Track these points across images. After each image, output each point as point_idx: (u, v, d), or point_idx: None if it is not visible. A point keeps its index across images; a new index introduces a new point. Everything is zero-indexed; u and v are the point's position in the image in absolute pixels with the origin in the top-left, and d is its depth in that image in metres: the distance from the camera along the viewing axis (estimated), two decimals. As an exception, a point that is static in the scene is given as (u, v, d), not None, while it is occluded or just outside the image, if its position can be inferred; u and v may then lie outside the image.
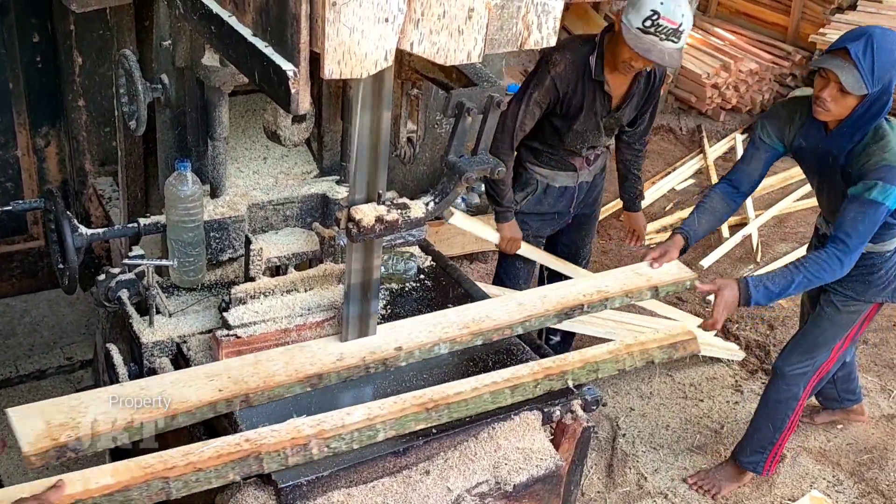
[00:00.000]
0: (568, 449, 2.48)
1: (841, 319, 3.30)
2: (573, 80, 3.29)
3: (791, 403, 3.42)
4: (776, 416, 3.45)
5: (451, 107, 2.24)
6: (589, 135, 3.47)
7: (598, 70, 3.28)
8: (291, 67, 1.74)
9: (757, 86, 7.07)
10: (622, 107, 3.45)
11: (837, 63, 2.79)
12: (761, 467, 3.55)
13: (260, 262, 2.52)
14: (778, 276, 2.94)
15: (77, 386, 3.63)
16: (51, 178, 3.83)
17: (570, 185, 3.62)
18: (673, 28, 3.04)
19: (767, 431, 3.48)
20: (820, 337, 3.35)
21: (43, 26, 3.54)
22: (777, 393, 3.42)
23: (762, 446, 3.51)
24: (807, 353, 3.37)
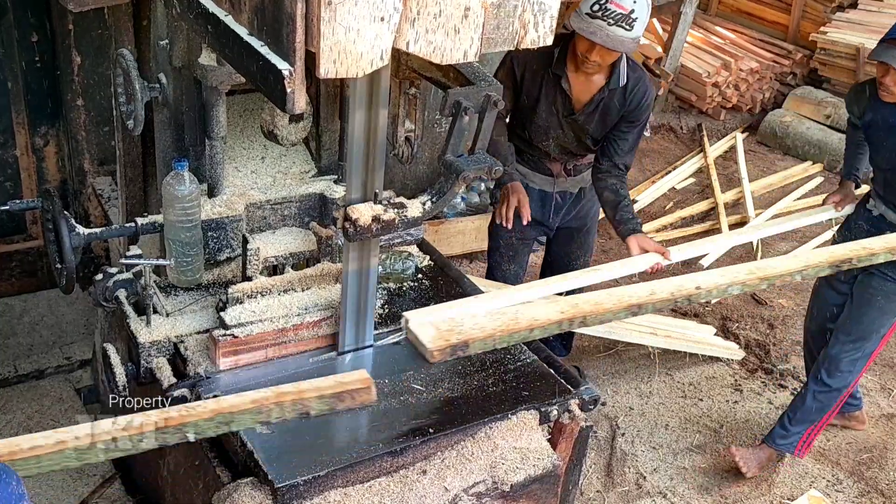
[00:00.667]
0: (565, 448, 2.48)
1: (889, 307, 3.37)
2: (532, 66, 3.26)
3: (841, 390, 3.50)
4: (825, 402, 3.51)
5: (448, 106, 2.24)
6: (552, 132, 3.39)
7: (558, 63, 3.24)
8: (287, 67, 1.73)
9: (757, 84, 7.06)
10: (585, 112, 3.33)
11: (891, 53, 3.01)
12: (794, 447, 3.60)
13: (257, 261, 2.52)
14: None
15: (76, 386, 3.63)
16: (50, 177, 3.83)
17: (548, 191, 3.57)
18: (622, 13, 2.97)
19: (811, 415, 3.54)
20: (871, 325, 3.40)
21: (42, 26, 3.54)
22: (830, 379, 3.47)
23: (802, 427, 3.56)
24: (859, 340, 3.42)
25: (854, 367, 3.45)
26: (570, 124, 3.38)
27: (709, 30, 7.45)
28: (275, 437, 2.20)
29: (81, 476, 3.16)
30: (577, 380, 2.54)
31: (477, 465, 2.29)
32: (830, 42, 6.99)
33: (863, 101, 3.30)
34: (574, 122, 3.36)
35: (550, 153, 3.49)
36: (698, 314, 4.74)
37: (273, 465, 2.11)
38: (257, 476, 2.12)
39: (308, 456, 2.15)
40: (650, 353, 4.32)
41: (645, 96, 3.31)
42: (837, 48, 6.96)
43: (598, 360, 4.32)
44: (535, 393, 2.46)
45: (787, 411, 3.63)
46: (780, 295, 4.98)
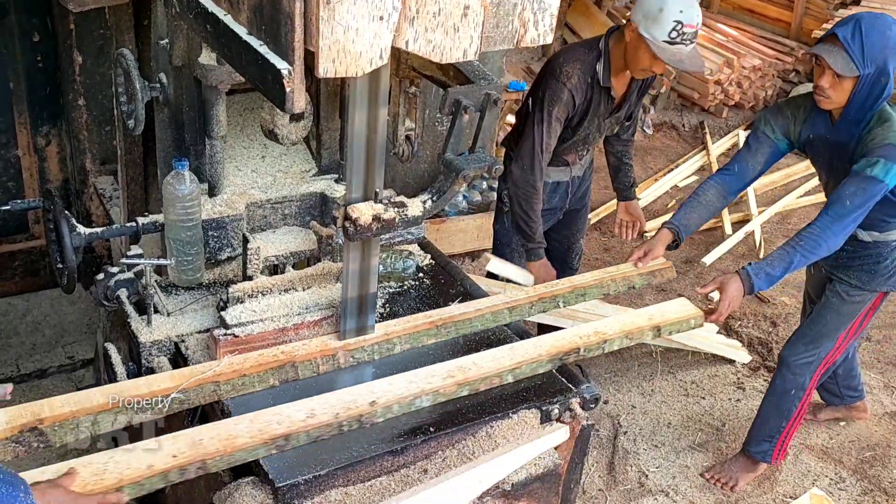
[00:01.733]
0: (567, 447, 2.48)
1: (846, 309, 3.31)
2: (584, 89, 3.28)
3: (798, 393, 3.43)
4: (783, 406, 3.46)
5: (448, 105, 2.24)
6: (591, 137, 3.50)
7: (605, 77, 3.28)
8: (286, 66, 1.73)
9: (760, 82, 7.06)
10: (623, 105, 3.47)
11: (827, 48, 2.85)
12: (769, 456, 3.57)
13: (258, 260, 2.52)
14: (776, 259, 2.97)
15: (78, 385, 3.63)
16: (52, 177, 3.84)
17: (563, 180, 3.62)
18: (694, 31, 3.06)
19: (775, 421, 3.50)
20: (825, 327, 3.35)
21: (43, 26, 3.54)
22: (784, 383, 3.43)
23: (770, 435, 3.53)
24: (812, 342, 3.37)
25: (807, 370, 3.38)
26: (610, 122, 3.48)
27: (711, 27, 7.44)
28: (276, 436, 2.20)
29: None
30: (579, 378, 2.54)
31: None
32: (833, 39, 6.98)
33: (801, 115, 3.11)
34: (613, 118, 3.47)
35: (577, 150, 3.56)
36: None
37: (274, 464, 2.11)
38: (258, 475, 2.12)
39: (309, 455, 2.15)
40: (652, 351, 4.32)
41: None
42: (840, 45, 6.94)
43: (600, 359, 4.32)
44: (536, 391, 2.46)
45: (753, 423, 3.61)
46: (783, 293, 4.97)
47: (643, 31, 3.06)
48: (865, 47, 2.78)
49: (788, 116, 3.14)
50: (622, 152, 3.76)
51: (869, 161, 2.85)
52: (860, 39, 2.78)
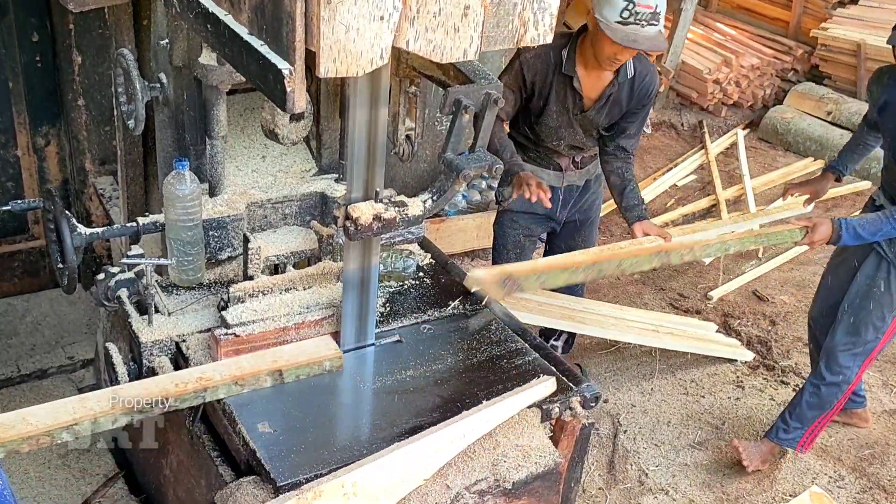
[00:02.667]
0: (567, 446, 2.48)
1: (886, 300, 3.34)
2: (542, 69, 3.25)
3: (843, 386, 3.47)
4: (826, 398, 3.49)
5: (448, 104, 2.24)
6: (563, 132, 3.41)
7: (568, 65, 3.24)
8: (287, 66, 1.73)
9: (758, 81, 7.06)
10: (596, 107, 3.35)
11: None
12: (796, 442, 3.59)
13: (258, 260, 2.52)
14: (868, 222, 3.12)
15: (79, 385, 3.63)
16: (51, 177, 3.84)
17: (556, 185, 3.55)
18: (650, 12, 2.98)
19: (814, 412, 3.52)
20: (868, 317, 3.37)
21: (42, 26, 3.54)
22: (832, 375, 3.45)
23: (804, 422, 3.55)
24: (859, 334, 3.39)
25: (853, 362, 3.42)
26: (581, 121, 3.39)
27: (709, 26, 7.45)
28: (277, 435, 2.20)
29: (84, 475, 3.17)
30: (579, 377, 2.54)
31: (479, 462, 2.29)
32: (831, 38, 6.99)
33: (882, 82, 3.27)
34: (584, 118, 3.38)
35: (560, 150, 3.50)
36: (700, 311, 4.75)
37: (275, 464, 2.11)
38: (260, 475, 2.12)
39: (310, 454, 2.16)
40: (652, 349, 4.33)
41: (652, 86, 3.40)
42: (838, 44, 6.96)
43: (599, 358, 4.32)
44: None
45: (787, 406, 3.63)
46: (782, 291, 4.98)
47: (597, 14, 3.01)
48: None
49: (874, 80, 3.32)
50: (623, 169, 3.47)
51: None
52: None
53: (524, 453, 2.32)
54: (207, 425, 2.39)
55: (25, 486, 3.10)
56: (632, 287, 4.78)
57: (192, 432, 2.39)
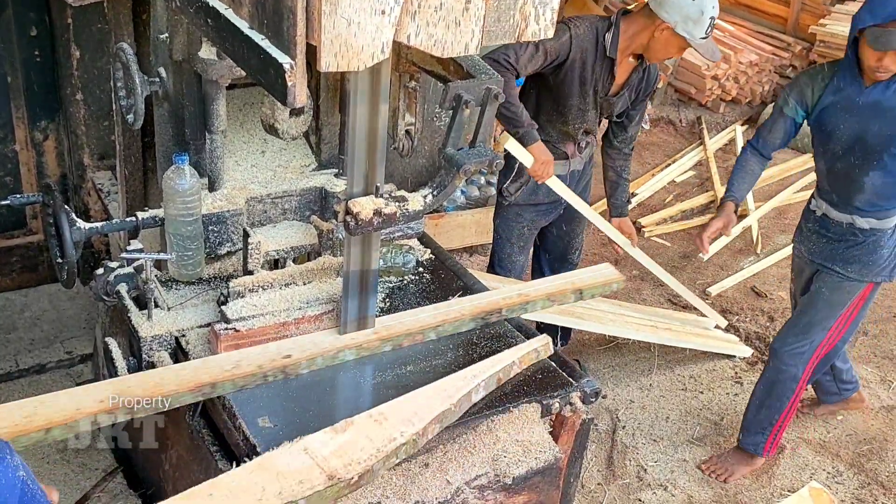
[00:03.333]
0: (567, 441, 2.49)
1: (836, 299, 3.33)
2: (588, 49, 3.31)
3: (790, 385, 3.44)
4: (776, 397, 3.47)
5: (448, 99, 2.23)
6: (589, 115, 3.48)
7: (612, 48, 3.32)
8: (288, 60, 1.73)
9: (757, 77, 7.06)
10: (619, 94, 3.48)
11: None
12: (761, 448, 3.58)
13: (258, 255, 2.52)
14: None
15: (77, 380, 3.63)
16: (49, 172, 3.83)
17: (562, 174, 3.60)
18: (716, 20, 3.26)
19: (767, 413, 3.52)
20: (815, 317, 3.37)
21: (41, 20, 3.53)
22: (776, 373, 3.45)
23: (762, 427, 3.54)
24: (802, 333, 3.39)
25: (799, 361, 3.40)
26: (602, 104, 3.48)
27: (708, 22, 7.44)
28: (277, 430, 2.20)
29: (84, 470, 3.17)
30: (579, 372, 2.55)
31: (479, 457, 2.29)
32: (830, 34, 6.99)
33: (819, 83, 3.14)
34: (607, 101, 3.47)
35: (575, 135, 3.55)
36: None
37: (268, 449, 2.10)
38: (258, 467, 2.12)
39: (308, 447, 2.15)
40: (650, 345, 4.33)
41: (656, 71, 3.58)
42: (837, 40, 6.95)
43: (597, 353, 4.33)
44: (536, 386, 2.47)
45: (745, 411, 3.63)
46: (780, 287, 4.98)
47: (682, 31, 3.20)
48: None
49: (805, 82, 3.19)
50: (622, 168, 3.79)
51: None
52: None
53: (524, 448, 2.33)
54: (207, 420, 2.39)
55: (24, 481, 3.09)
56: (630, 283, 4.78)
57: (192, 427, 2.38)
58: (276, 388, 2.33)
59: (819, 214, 3.32)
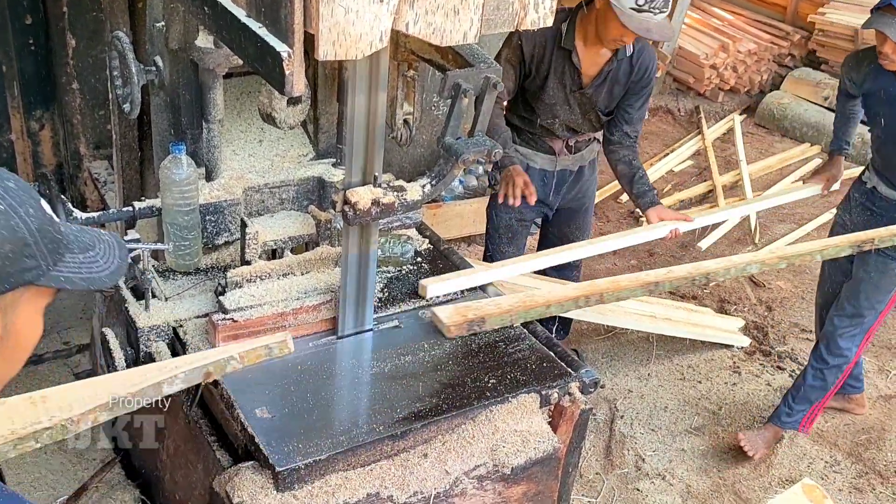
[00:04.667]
0: (566, 431, 2.48)
1: (885, 282, 3.38)
2: (541, 43, 3.24)
3: (842, 366, 3.53)
4: (828, 378, 3.54)
5: (447, 88, 2.22)
6: (559, 110, 3.40)
7: (567, 38, 3.24)
8: (286, 49, 1.72)
9: (755, 66, 7.04)
10: (594, 85, 3.35)
11: (885, 21, 2.98)
12: (798, 423, 3.65)
13: (256, 245, 2.51)
14: None
15: (74, 370, 3.62)
16: (45, 161, 3.81)
17: (549, 170, 3.56)
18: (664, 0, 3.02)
19: (818, 393, 3.58)
20: (865, 301, 3.41)
21: (35, 8, 3.51)
22: (832, 357, 3.50)
23: (806, 402, 3.60)
24: (855, 316, 3.44)
25: (852, 343, 3.48)
26: (578, 99, 3.39)
27: (706, 11, 7.42)
28: (276, 420, 2.20)
29: (81, 460, 3.16)
30: (577, 362, 2.54)
31: (478, 448, 2.28)
32: (829, 23, 6.97)
33: (862, 69, 3.25)
34: (583, 95, 3.37)
35: (555, 131, 3.49)
36: (696, 297, 4.75)
37: (274, 449, 2.10)
38: (258, 460, 2.12)
39: (309, 440, 2.15)
40: (649, 335, 4.33)
41: (650, 64, 3.39)
42: (835, 29, 6.94)
43: (596, 343, 4.33)
44: (535, 376, 2.46)
45: (790, 390, 3.67)
46: (779, 277, 4.98)
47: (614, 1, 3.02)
48: None
49: (853, 66, 3.32)
50: (630, 157, 3.51)
51: None
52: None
53: (523, 438, 2.32)
54: (205, 410, 2.38)
55: (22, 472, 3.09)
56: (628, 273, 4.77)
57: (190, 417, 2.38)
58: (275, 379, 2.32)
59: (869, 187, 3.38)
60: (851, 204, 3.48)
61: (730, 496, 3.54)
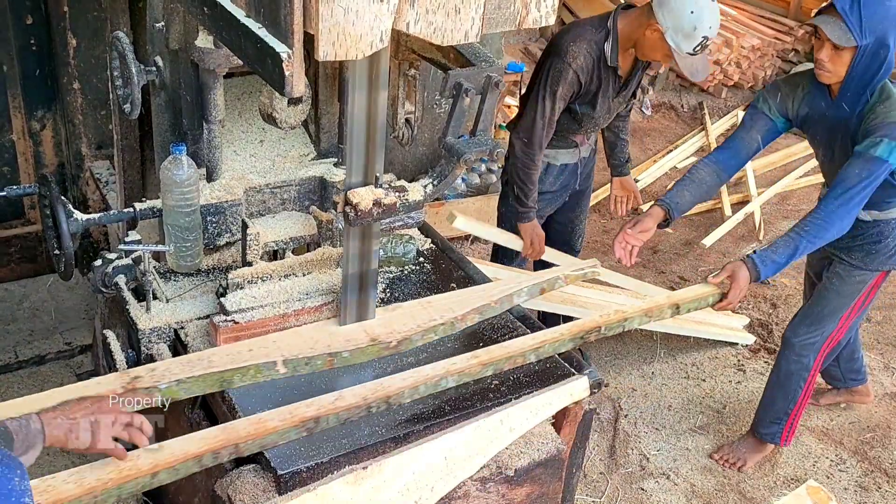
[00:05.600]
0: (569, 432, 2.47)
1: (847, 289, 3.31)
2: (591, 67, 3.27)
3: (803, 374, 3.44)
4: (789, 387, 3.47)
5: (448, 87, 2.21)
6: (601, 119, 3.50)
7: (613, 58, 3.28)
8: (285, 49, 1.70)
9: (759, 62, 7.01)
10: (629, 83, 3.46)
11: (825, 19, 2.84)
12: (779, 437, 3.59)
13: (257, 246, 2.50)
14: (781, 245, 2.93)
15: (77, 371, 3.62)
16: (47, 162, 3.81)
17: (571, 162, 3.62)
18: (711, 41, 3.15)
19: (782, 402, 3.51)
20: (826, 307, 3.36)
21: (36, 8, 3.50)
22: (788, 364, 3.44)
23: (778, 417, 3.54)
24: (814, 323, 3.38)
25: (811, 351, 3.40)
26: (617, 102, 3.48)
27: (710, 7, 7.38)
28: (277, 423, 2.18)
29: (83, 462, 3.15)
30: (581, 363, 2.53)
31: (481, 449, 2.27)
32: (833, 18, 6.93)
33: (799, 93, 3.10)
34: (620, 97, 3.47)
35: (587, 132, 3.57)
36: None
37: (275, 452, 2.09)
38: (260, 463, 2.11)
39: (310, 442, 2.14)
40: (652, 333, 4.31)
41: None
42: (840, 24, 6.89)
43: (600, 342, 4.29)
44: (539, 377, 2.45)
45: (760, 402, 3.63)
46: (783, 274, 4.95)
47: (670, 40, 3.10)
48: (864, 18, 2.77)
49: (786, 93, 3.13)
50: (620, 128, 3.76)
51: (872, 141, 2.84)
52: (858, 10, 2.77)
53: (526, 440, 2.31)
54: (207, 413, 2.37)
55: (24, 473, 3.08)
56: (632, 271, 4.74)
57: (192, 420, 2.37)
58: (276, 383, 2.31)
59: None
60: None
61: (734, 496, 3.52)
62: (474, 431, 2.21)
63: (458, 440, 2.19)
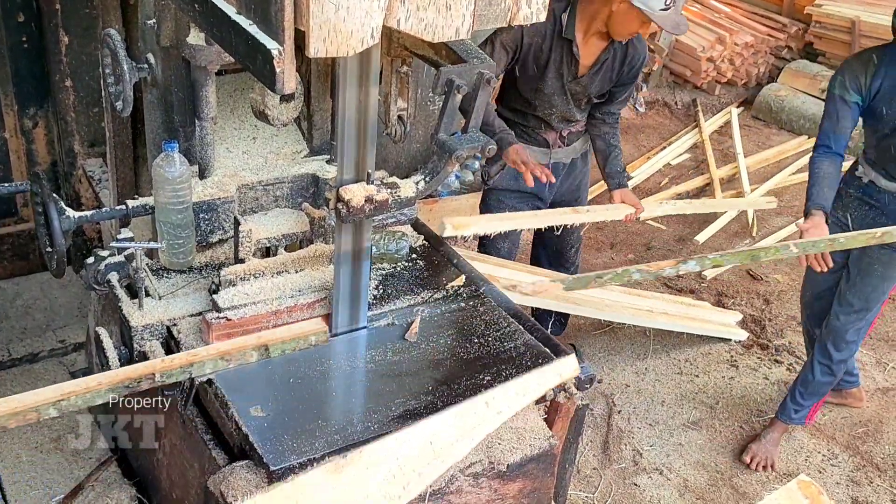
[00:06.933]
0: (562, 428, 2.48)
1: (890, 273, 3.37)
2: (541, 32, 3.24)
3: (850, 359, 3.57)
4: (836, 372, 3.56)
5: (440, 84, 2.21)
6: (557, 99, 3.42)
7: (568, 28, 3.26)
8: (276, 46, 1.70)
9: (752, 59, 7.03)
10: (589, 74, 3.39)
11: None
12: (805, 417, 3.68)
13: (250, 243, 2.50)
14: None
15: (70, 369, 3.61)
16: (39, 159, 3.79)
17: (542, 163, 3.54)
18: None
19: (824, 387, 3.60)
20: (873, 293, 3.41)
21: (28, 5, 3.48)
22: (840, 353, 3.50)
23: (816, 397, 3.63)
24: (862, 309, 3.44)
25: (858, 336, 3.49)
26: (573, 88, 3.41)
27: (704, 3, 7.40)
28: (270, 419, 2.19)
29: (77, 459, 3.16)
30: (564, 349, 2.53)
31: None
32: (825, 15, 6.96)
33: (871, 68, 3.12)
34: (578, 84, 3.40)
35: (551, 122, 3.51)
36: (694, 290, 4.74)
37: (268, 448, 2.10)
38: (252, 459, 2.11)
39: (303, 438, 2.14)
40: (646, 330, 4.32)
41: (643, 52, 3.48)
42: (832, 21, 6.92)
43: (593, 338, 4.32)
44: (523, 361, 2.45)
45: (796, 386, 3.66)
46: (776, 270, 4.98)
47: (638, 2, 3.09)
48: None
49: (858, 67, 3.14)
50: (609, 134, 3.62)
51: None
52: None
53: (518, 435, 2.32)
54: (200, 409, 2.38)
55: (17, 470, 3.08)
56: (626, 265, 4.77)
57: (185, 416, 2.37)
58: (269, 378, 2.31)
59: (866, 181, 3.34)
60: (846, 201, 3.40)
61: (727, 490, 3.54)
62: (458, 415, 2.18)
63: (442, 424, 2.15)
